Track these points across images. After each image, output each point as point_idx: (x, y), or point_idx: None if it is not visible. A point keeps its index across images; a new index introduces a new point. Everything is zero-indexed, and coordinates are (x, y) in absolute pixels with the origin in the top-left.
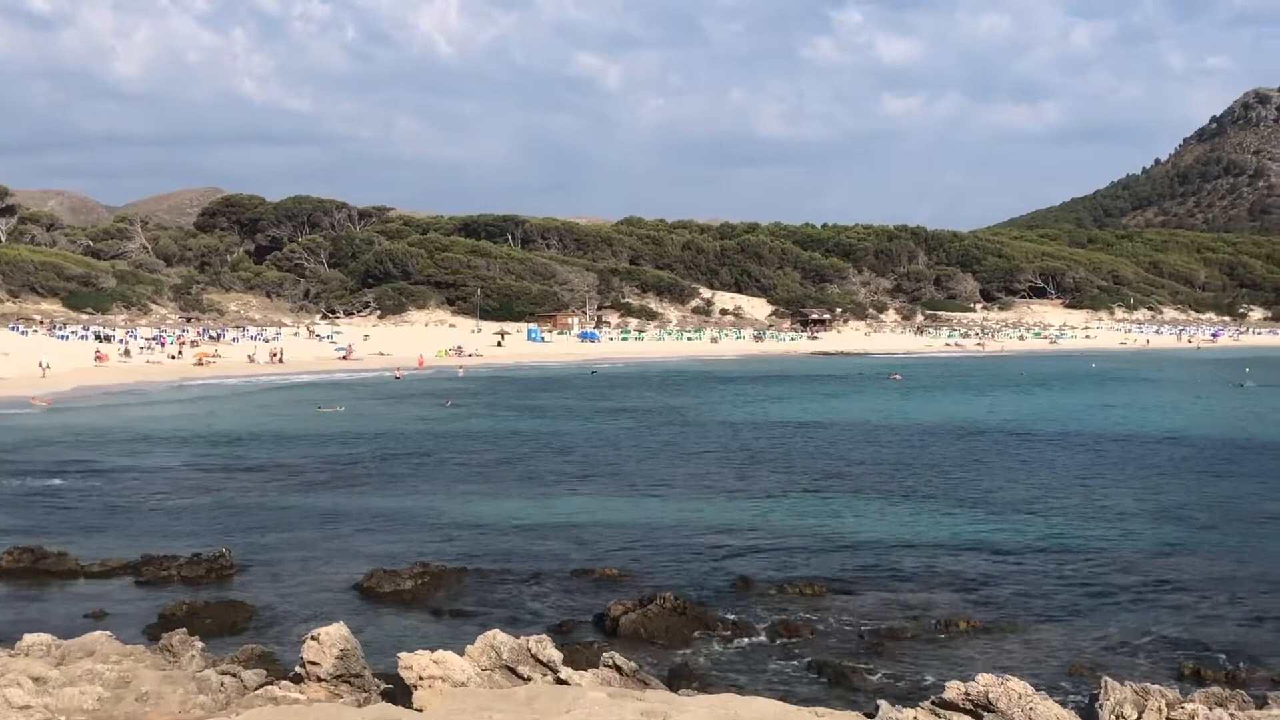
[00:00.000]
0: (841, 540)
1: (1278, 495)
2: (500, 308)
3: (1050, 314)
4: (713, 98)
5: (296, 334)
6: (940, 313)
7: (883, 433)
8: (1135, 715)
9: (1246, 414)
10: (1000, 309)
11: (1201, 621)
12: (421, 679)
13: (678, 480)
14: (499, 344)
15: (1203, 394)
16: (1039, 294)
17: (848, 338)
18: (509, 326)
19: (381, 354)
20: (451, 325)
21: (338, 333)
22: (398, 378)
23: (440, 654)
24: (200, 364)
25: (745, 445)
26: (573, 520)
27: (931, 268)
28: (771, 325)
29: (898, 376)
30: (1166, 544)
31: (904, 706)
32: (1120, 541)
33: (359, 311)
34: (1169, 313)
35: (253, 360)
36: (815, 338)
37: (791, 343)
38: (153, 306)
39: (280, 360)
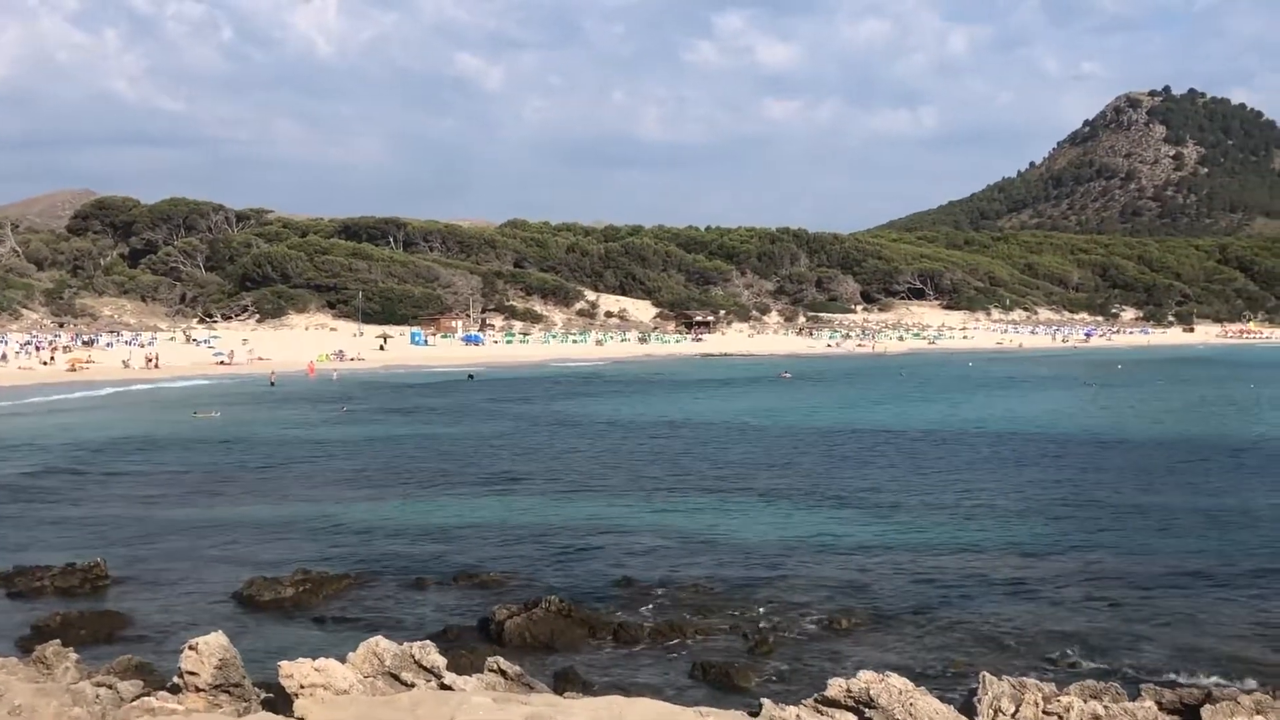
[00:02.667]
0: (726, 540)
1: (1142, 487)
2: (382, 311)
3: (929, 315)
4: (594, 99)
5: (173, 339)
6: (822, 314)
7: (767, 434)
8: (1013, 709)
9: (1108, 411)
10: (880, 310)
11: (1075, 614)
12: (303, 687)
13: (562, 482)
14: (381, 348)
15: (1068, 392)
16: (918, 295)
17: (731, 339)
18: (392, 330)
19: (260, 359)
20: (333, 329)
21: (215, 337)
22: (273, 383)
23: (322, 662)
24: (73, 370)
25: (631, 446)
26: (456, 524)
27: (813, 270)
28: (656, 328)
29: (787, 375)
30: (1039, 539)
31: (787, 704)
32: (996, 537)
33: (237, 316)
34: (1044, 313)
35: (127, 366)
36: (699, 340)
37: (676, 345)
38: (24, 311)
39: (156, 366)
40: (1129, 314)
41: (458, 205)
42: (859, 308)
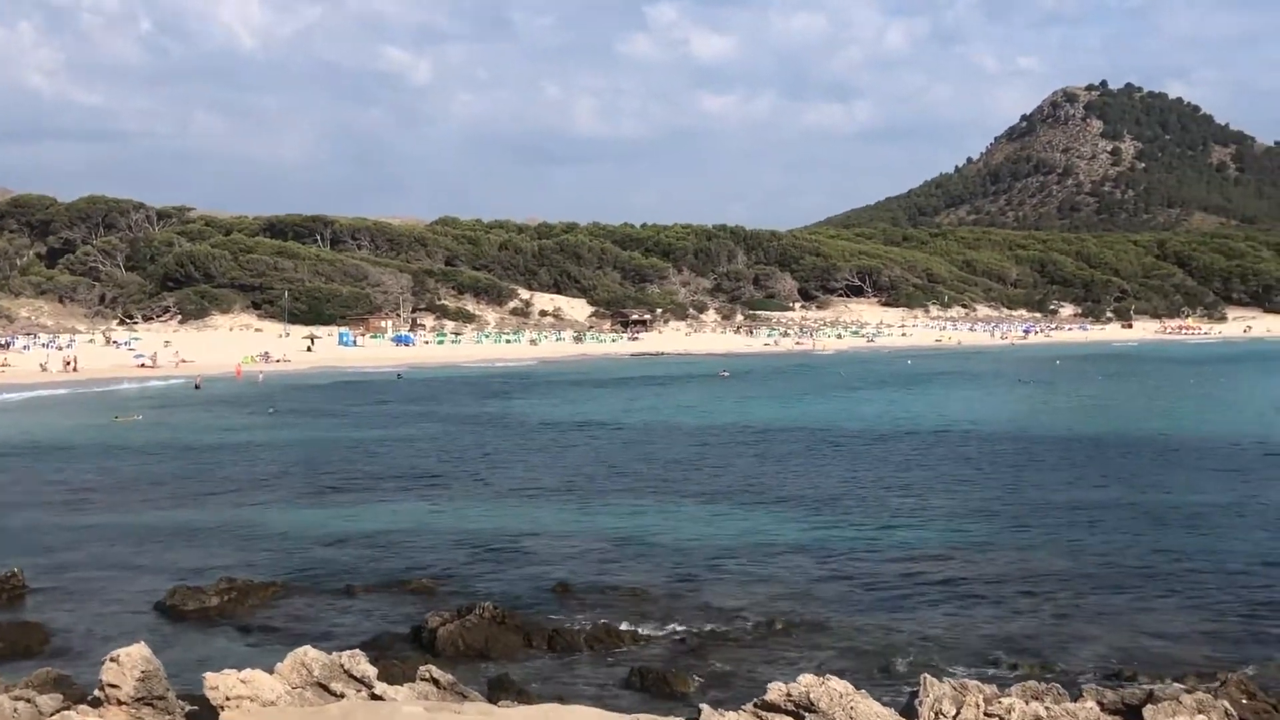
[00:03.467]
0: (662, 543)
1: (1078, 485)
2: (309, 311)
3: (867, 312)
4: (525, 93)
5: (92, 341)
6: (760, 312)
7: (704, 433)
8: (954, 711)
9: (1044, 408)
10: (819, 308)
11: (1014, 615)
12: (228, 699)
13: (495, 485)
14: (309, 349)
15: (1005, 389)
16: (856, 292)
17: (668, 338)
18: (319, 331)
19: (183, 361)
20: (258, 330)
21: (136, 339)
22: (198, 386)
23: (248, 673)
24: None
25: (565, 448)
26: (386, 530)
27: (751, 267)
28: (592, 326)
29: (726, 374)
30: (977, 539)
31: (726, 710)
32: (934, 537)
33: (159, 317)
34: (982, 310)
35: (45, 369)
36: (636, 338)
37: (613, 344)
38: None
39: (75, 369)
40: (1067, 310)
41: (387, 202)
42: (797, 305)
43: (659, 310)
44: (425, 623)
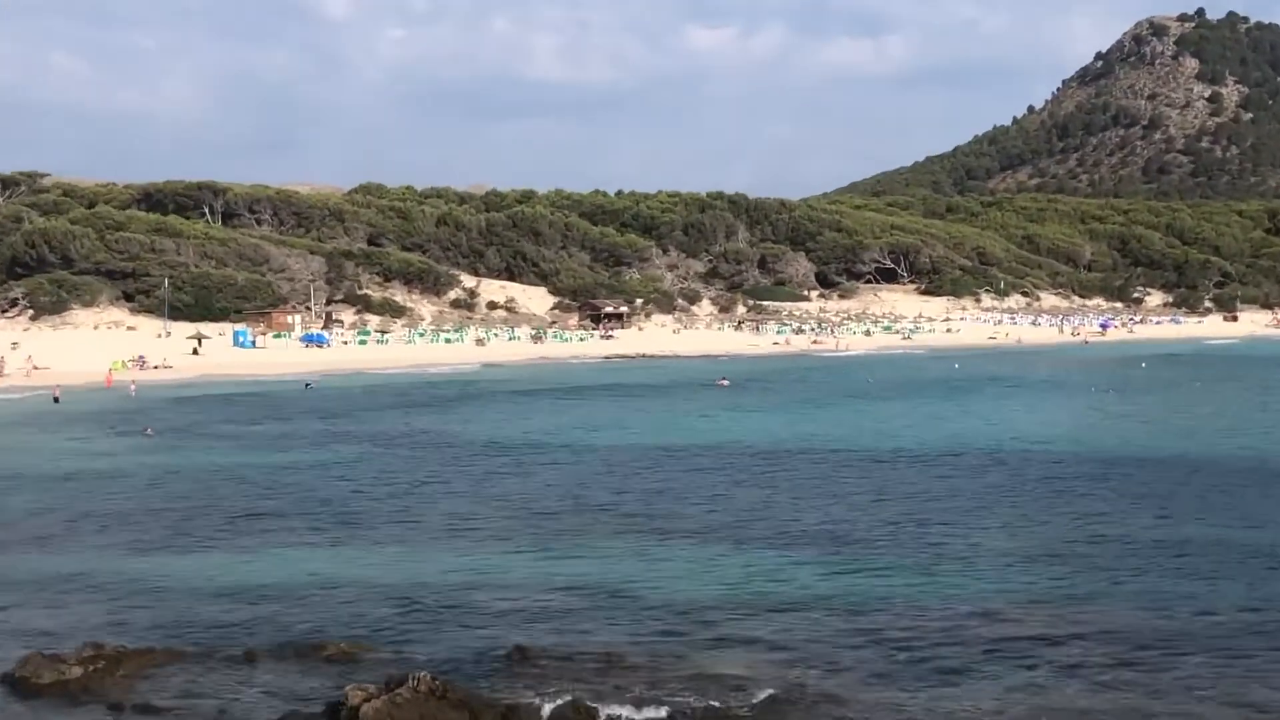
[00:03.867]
0: (642, 595)
1: (1166, 521)
2: (196, 304)
3: (903, 302)
4: (469, 29)
5: None
6: (767, 303)
7: (694, 458)
8: None
9: (1126, 423)
10: (841, 297)
11: (1094, 688)
12: None
13: (432, 523)
14: (195, 351)
15: (1076, 399)
16: (888, 277)
17: (651, 336)
18: (208, 329)
19: (37, 368)
20: (131, 328)
21: None
22: (57, 399)
23: None
24: None
25: (520, 476)
26: (297, 580)
27: (755, 245)
28: (555, 322)
29: (725, 382)
30: (1041, 589)
31: None
32: (986, 587)
33: (5, 311)
34: (1048, 299)
35: None
36: (610, 336)
37: (580, 343)
38: None
39: None
40: (1155, 298)
41: (294, 166)
42: (814, 294)
43: (639, 301)
44: (344, 698)
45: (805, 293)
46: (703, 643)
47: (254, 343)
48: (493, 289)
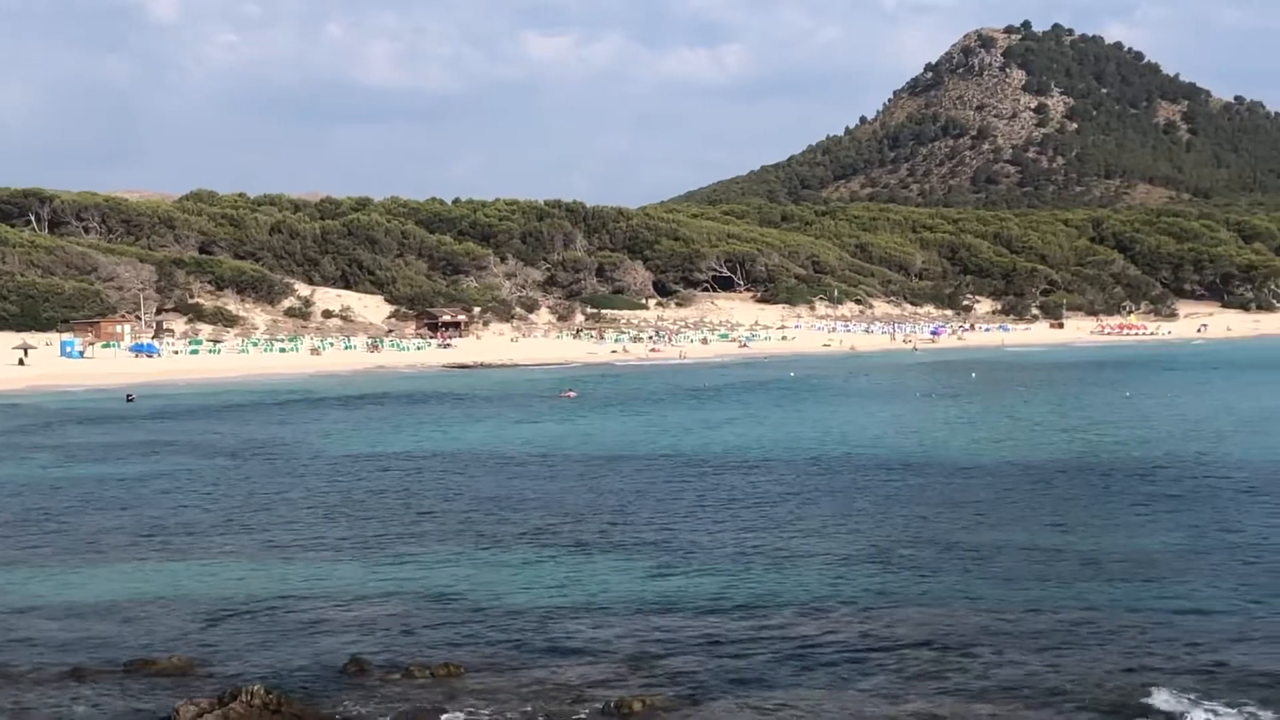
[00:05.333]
0: (484, 605)
1: (987, 524)
2: (22, 314)
3: (739, 310)
4: (302, 34)
5: None
6: (605, 311)
7: (536, 466)
8: None
9: (952, 428)
10: (679, 305)
11: (940, 690)
12: None
13: (265, 536)
14: (21, 362)
15: (910, 405)
16: (725, 285)
17: (490, 344)
18: (34, 339)
19: None
20: None
21: None
22: None
23: None
24: None
25: (356, 486)
26: (128, 596)
27: (593, 254)
28: (392, 330)
29: (572, 393)
30: (881, 592)
31: None
32: (827, 591)
33: None
34: (880, 307)
35: None
36: (448, 345)
37: (418, 352)
38: None
39: None
40: (985, 306)
41: (123, 173)
42: (652, 302)
43: (477, 309)
44: (176, 713)
45: (643, 301)
46: (541, 651)
47: (82, 353)
48: (328, 298)
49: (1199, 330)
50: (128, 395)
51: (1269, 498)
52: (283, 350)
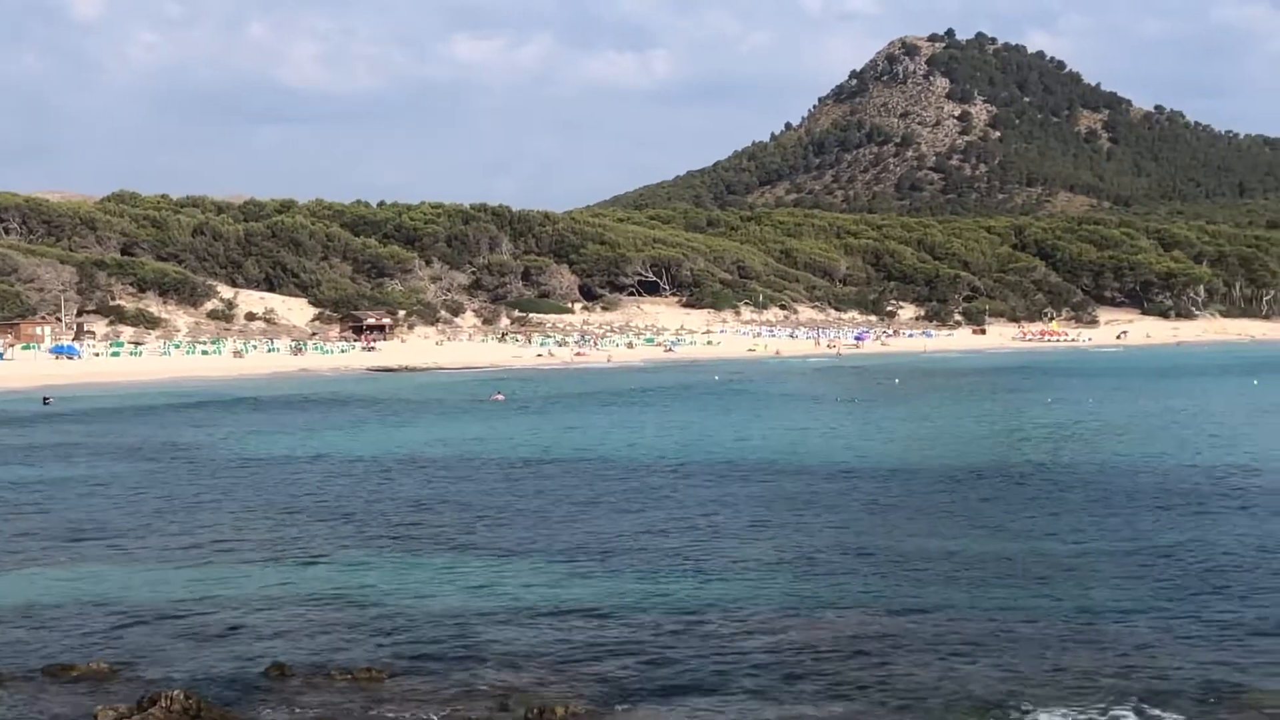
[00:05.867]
0: (406, 609)
1: (907, 530)
2: None
3: (665, 315)
4: (226, 34)
5: None
6: (531, 315)
7: (461, 470)
8: None
9: (873, 434)
10: (604, 309)
11: (838, 696)
12: None
13: (186, 539)
14: None
15: (829, 411)
16: (651, 290)
17: (414, 348)
18: None
19: None
20: None
21: None
22: None
23: None
24: None
25: (281, 491)
26: (45, 601)
27: (519, 258)
28: (316, 333)
29: (500, 396)
30: (801, 597)
31: None
32: (748, 595)
33: None
34: (805, 312)
35: None
36: (372, 348)
37: (342, 355)
38: None
39: None
40: (908, 312)
41: (43, 173)
42: (577, 306)
43: (402, 313)
44: (94, 718)
45: (569, 305)
46: (463, 654)
47: (1, 355)
48: (251, 300)
49: (1118, 337)
50: (44, 398)
51: (1186, 503)
52: (205, 353)
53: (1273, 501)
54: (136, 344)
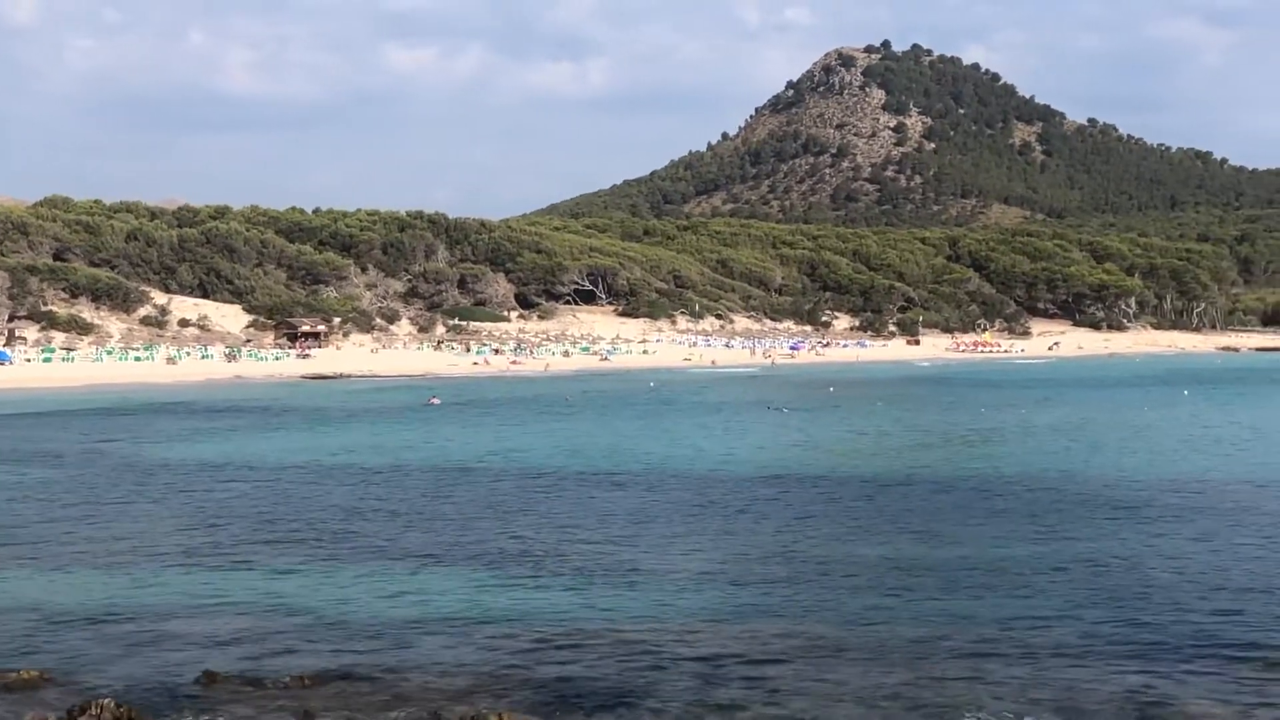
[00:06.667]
0: (338, 617)
1: (841, 537)
2: None
3: (601, 323)
4: (162, 40)
5: None
6: (467, 322)
7: (397, 477)
8: None
9: (802, 443)
10: (541, 317)
11: (790, 704)
12: None
13: (115, 545)
14: None
15: (759, 418)
16: (587, 299)
17: (349, 355)
18: None
19: None
20: None
21: None
22: None
23: None
24: None
25: (212, 497)
26: None
27: (455, 266)
28: (250, 340)
29: (436, 400)
30: (734, 606)
31: None
32: (681, 604)
33: None
34: (741, 321)
35: None
36: (307, 355)
37: (276, 362)
38: None
39: None
40: (843, 322)
41: None
42: (513, 314)
43: (337, 320)
44: None
45: (505, 313)
46: (395, 663)
47: None
48: (185, 306)
49: (1050, 348)
50: None
51: (1121, 511)
52: (138, 359)
53: (1204, 513)
54: (68, 350)
